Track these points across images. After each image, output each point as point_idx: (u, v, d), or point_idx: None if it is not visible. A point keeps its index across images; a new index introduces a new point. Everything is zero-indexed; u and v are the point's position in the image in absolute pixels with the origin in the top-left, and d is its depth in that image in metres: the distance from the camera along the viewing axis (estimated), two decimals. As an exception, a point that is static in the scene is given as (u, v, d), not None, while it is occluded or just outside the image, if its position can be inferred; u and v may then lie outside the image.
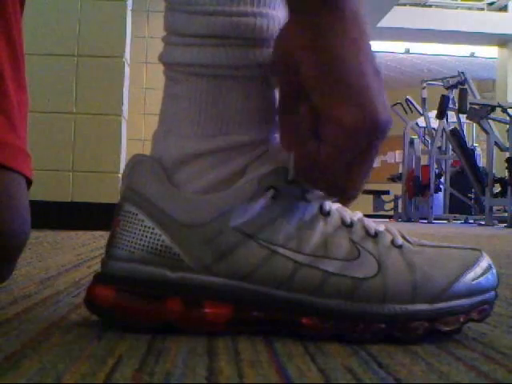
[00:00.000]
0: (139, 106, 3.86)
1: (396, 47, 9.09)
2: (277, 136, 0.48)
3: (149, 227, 0.46)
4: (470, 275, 0.47)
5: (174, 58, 0.47)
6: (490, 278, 0.48)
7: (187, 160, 0.47)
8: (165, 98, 0.49)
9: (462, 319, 0.46)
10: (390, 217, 7.99)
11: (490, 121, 6.02)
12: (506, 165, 5.82)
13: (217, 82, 0.46)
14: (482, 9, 8.73)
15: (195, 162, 0.47)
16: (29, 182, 0.58)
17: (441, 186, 7.27)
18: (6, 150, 0.55)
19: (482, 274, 0.48)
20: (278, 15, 0.47)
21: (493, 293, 0.49)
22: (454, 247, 0.50)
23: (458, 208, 7.15)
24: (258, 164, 0.46)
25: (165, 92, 0.49)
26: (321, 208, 0.47)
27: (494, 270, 0.49)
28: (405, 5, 8.13)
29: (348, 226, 0.47)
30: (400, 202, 7.66)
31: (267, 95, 0.48)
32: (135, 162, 0.48)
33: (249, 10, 0.45)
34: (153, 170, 0.47)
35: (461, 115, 6.47)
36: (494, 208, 6.16)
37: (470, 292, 0.47)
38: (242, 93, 0.47)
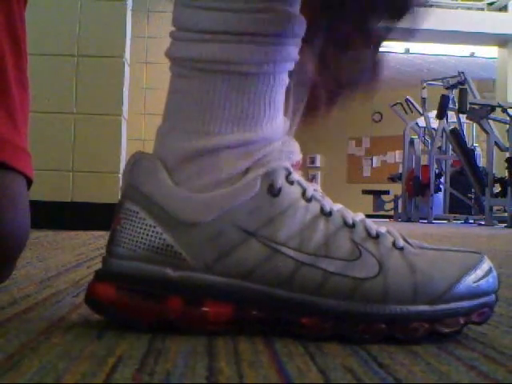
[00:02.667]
0: (139, 106, 3.86)
1: (396, 47, 9.08)
2: (279, 135, 0.48)
3: (150, 225, 0.46)
4: (471, 277, 0.47)
5: (182, 53, 0.47)
6: (491, 280, 0.48)
7: (189, 158, 0.47)
8: (170, 94, 0.49)
9: (462, 321, 0.46)
10: (390, 217, 7.98)
11: (490, 121, 6.02)
12: (506, 165, 5.81)
13: (223, 79, 0.46)
14: (482, 9, 8.71)
15: (197, 160, 0.46)
16: (29, 182, 0.58)
17: (441, 186, 7.26)
18: (8, 148, 0.54)
19: (483, 277, 0.48)
20: (289, 11, 0.46)
21: (493, 296, 0.48)
22: (455, 250, 0.50)
23: (458, 208, 7.15)
24: (261, 163, 0.46)
25: (170, 88, 0.49)
26: (322, 208, 0.47)
27: (495, 273, 0.49)
28: (405, 5, 8.10)
29: (350, 226, 0.47)
30: (400, 202, 7.65)
31: (274, 93, 0.48)
32: (136, 159, 0.48)
33: (260, 6, 0.45)
34: (154, 167, 0.47)
35: (461, 115, 6.47)
36: (494, 208, 6.16)
37: (471, 294, 0.47)
38: (248, 91, 0.46)
